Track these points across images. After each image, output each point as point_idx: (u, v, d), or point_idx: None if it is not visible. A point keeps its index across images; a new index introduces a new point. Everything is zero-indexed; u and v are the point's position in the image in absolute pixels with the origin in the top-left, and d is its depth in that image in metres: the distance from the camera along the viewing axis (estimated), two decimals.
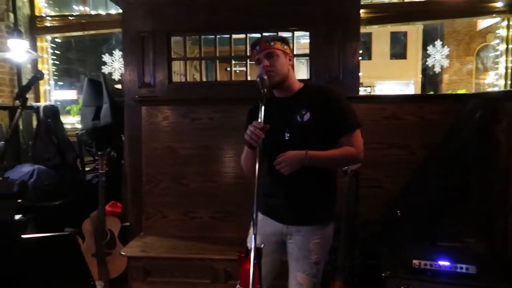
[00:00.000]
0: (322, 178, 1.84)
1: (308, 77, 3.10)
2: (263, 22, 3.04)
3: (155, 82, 3.18)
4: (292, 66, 1.89)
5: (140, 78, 3.18)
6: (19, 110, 1.48)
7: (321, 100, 1.78)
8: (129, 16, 3.17)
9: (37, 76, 1.63)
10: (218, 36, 3.28)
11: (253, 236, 1.37)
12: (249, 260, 1.35)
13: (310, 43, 3.06)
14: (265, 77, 1.70)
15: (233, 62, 3.31)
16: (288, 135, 1.78)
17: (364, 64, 16.70)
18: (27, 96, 1.84)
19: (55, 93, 5.72)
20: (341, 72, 3.00)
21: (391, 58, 19.05)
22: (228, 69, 3.36)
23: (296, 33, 3.30)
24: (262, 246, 1.41)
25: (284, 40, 1.83)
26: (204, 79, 4.77)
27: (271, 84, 1.73)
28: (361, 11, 4.41)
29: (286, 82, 1.82)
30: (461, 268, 2.05)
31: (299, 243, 1.82)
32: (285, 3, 3.03)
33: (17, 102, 1.52)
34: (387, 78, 18.20)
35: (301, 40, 3.99)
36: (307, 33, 3.13)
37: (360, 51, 3.16)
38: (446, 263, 2.08)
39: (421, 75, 17.74)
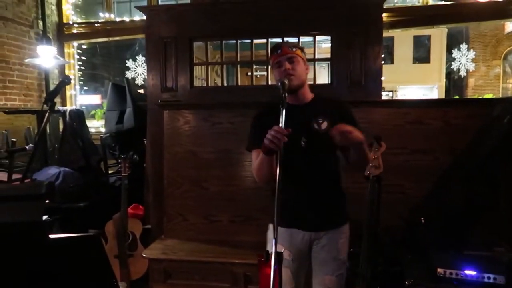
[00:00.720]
0: (337, 180, 1.94)
1: (329, 82, 3.08)
2: (284, 27, 3.05)
3: (177, 87, 3.23)
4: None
5: (162, 82, 3.23)
6: (47, 114, 1.52)
7: (337, 111, 1.85)
8: (152, 22, 3.23)
9: (65, 81, 1.67)
10: (239, 41, 3.30)
11: (273, 240, 1.37)
12: (269, 264, 1.35)
13: (332, 47, 3.05)
14: (286, 81, 1.71)
15: (254, 66, 3.32)
16: (304, 142, 1.78)
17: (386, 68, 16.37)
18: (55, 100, 1.91)
19: (80, 98, 5.88)
20: (363, 76, 2.97)
21: (414, 62, 18.69)
22: (249, 73, 3.38)
23: (318, 38, 3.30)
24: (283, 250, 1.40)
25: (303, 50, 1.89)
26: (225, 83, 4.82)
27: (290, 88, 1.74)
28: (384, 14, 4.37)
29: (302, 90, 1.85)
30: (489, 278, 1.99)
31: (328, 245, 1.85)
32: (306, 7, 3.03)
33: (45, 107, 1.57)
34: (410, 83, 17.86)
35: (323, 44, 3.97)
36: (329, 38, 3.11)
37: (382, 55, 3.12)
38: (473, 273, 2.01)
39: (445, 80, 17.35)
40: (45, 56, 3.92)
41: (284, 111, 1.60)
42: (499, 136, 2.41)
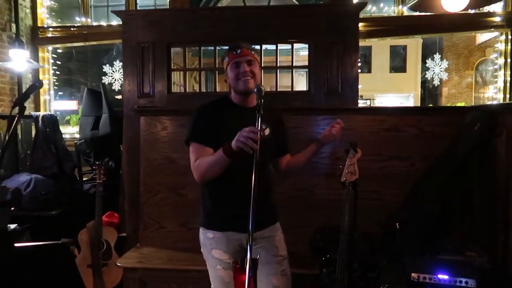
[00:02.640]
0: (270, 182, 2.01)
1: (307, 89, 3.11)
2: (263, 34, 3.07)
3: (154, 93, 3.19)
4: None
5: (139, 88, 3.19)
6: (16, 118, 1.47)
7: (276, 119, 1.97)
8: (129, 27, 3.19)
9: (36, 84, 1.62)
10: (218, 48, 3.30)
11: (248, 246, 1.36)
12: (244, 271, 1.33)
13: (309, 55, 3.08)
14: (263, 87, 1.72)
15: None
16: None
17: (364, 77, 16.77)
18: (26, 105, 1.85)
19: (55, 103, 5.74)
20: (340, 84, 3.01)
21: (391, 71, 19.14)
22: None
23: (296, 45, 3.33)
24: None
25: (258, 53, 1.92)
26: (204, 90, 4.79)
27: (246, 90, 1.79)
28: (361, 24, 4.45)
29: (252, 94, 1.83)
30: (461, 281, 2.02)
31: (265, 245, 1.85)
32: (284, 15, 3.06)
33: (15, 111, 1.52)
34: (387, 91, 18.26)
35: (301, 52, 4.01)
36: (307, 46, 3.15)
37: (359, 64, 3.18)
38: (445, 277, 2.04)
39: (420, 88, 17.80)
40: (18, 60, 3.82)
41: (259, 116, 1.61)
42: (470, 143, 2.48)
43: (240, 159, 1.66)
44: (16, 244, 1.05)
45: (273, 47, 3.14)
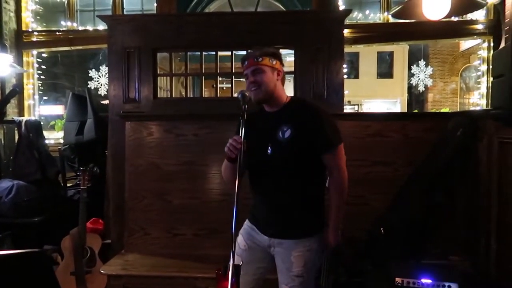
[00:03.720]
0: (302, 193, 1.82)
1: (293, 95, 3.12)
2: (249, 40, 3.07)
3: (140, 98, 3.17)
4: (282, 80, 1.87)
5: (125, 93, 3.17)
6: None
7: (302, 117, 1.79)
8: (115, 32, 3.18)
9: (16, 90, 1.60)
10: (204, 53, 3.30)
11: (231, 253, 1.35)
12: (227, 277, 1.33)
13: (295, 61, 3.10)
14: (247, 93, 1.72)
15: (219, 78, 3.32)
16: (270, 150, 1.78)
17: (351, 83, 16.94)
18: (10, 110, 1.81)
19: (41, 108, 5.66)
20: (326, 89, 3.03)
21: (378, 77, 19.37)
22: (215, 85, 3.38)
23: (284, 51, 3.34)
24: (241, 263, 1.38)
25: (274, 55, 1.83)
26: (191, 95, 4.78)
27: (256, 101, 1.78)
28: (347, 30, 4.51)
29: (273, 97, 1.82)
30: (443, 286, 2.04)
31: (282, 255, 1.83)
32: (271, 21, 3.09)
33: None
34: (374, 97, 18.47)
35: (287, 58, 4.03)
36: (293, 52, 3.16)
37: (345, 70, 3.21)
38: (429, 281, 2.06)
39: (407, 94, 18.04)
40: (0, 64, 3.76)
41: (242, 121, 1.62)
42: (453, 148, 2.51)
43: (260, 161, 1.79)
44: None
45: None
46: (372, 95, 18.29)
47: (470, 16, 4.68)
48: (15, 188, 3.16)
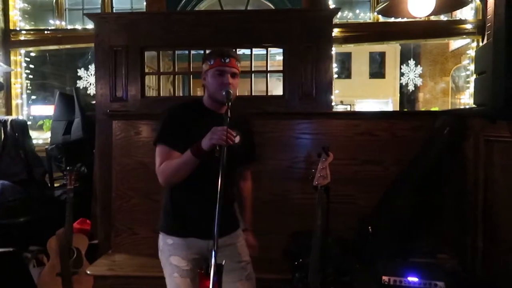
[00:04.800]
0: (233, 190, 1.98)
1: (282, 94, 3.12)
2: (238, 38, 3.06)
3: (127, 97, 3.14)
4: None
5: (112, 92, 3.14)
6: None
7: (247, 127, 1.95)
8: (102, 30, 3.15)
9: None
10: (194, 52, 3.28)
11: (213, 251, 1.33)
12: (209, 277, 1.31)
13: (284, 59, 3.09)
14: (231, 91, 1.71)
15: None
16: (218, 152, 1.74)
17: (344, 83, 16.97)
18: None
19: (32, 108, 5.60)
20: (315, 89, 3.03)
21: (370, 77, 19.45)
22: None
23: (273, 51, 3.34)
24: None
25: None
26: (181, 94, 4.76)
27: (223, 102, 1.75)
28: (337, 30, 4.51)
29: None
30: (430, 284, 2.04)
31: (228, 253, 1.80)
32: (260, 20, 3.07)
33: None
34: (367, 97, 18.54)
35: (277, 57, 4.03)
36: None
37: (336, 69, 3.21)
38: (415, 279, 2.06)
39: (399, 95, 18.13)
40: None
41: (228, 119, 1.60)
42: (440, 147, 2.52)
43: (206, 161, 1.65)
44: None
45: (249, 51, 3.14)
46: (364, 95, 18.35)
47: (459, 16, 4.71)
48: (0, 188, 3.12)
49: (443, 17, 4.62)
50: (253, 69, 3.22)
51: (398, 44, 14.78)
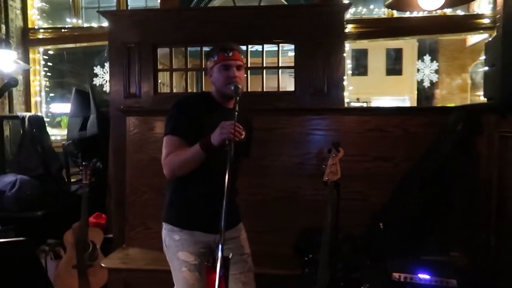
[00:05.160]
0: (237, 180, 1.95)
1: (293, 90, 3.12)
2: (249, 34, 3.07)
3: (140, 93, 3.19)
4: None
5: (125, 89, 3.19)
6: None
7: (249, 126, 1.94)
8: (116, 27, 3.20)
9: (11, 83, 1.62)
10: (206, 49, 3.30)
11: (220, 245, 1.35)
12: (215, 269, 1.33)
13: (295, 55, 3.09)
14: (240, 85, 1.72)
15: None
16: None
17: (360, 80, 16.80)
18: (17, 106, 1.81)
19: (53, 106, 5.73)
20: (326, 84, 3.01)
21: (387, 74, 19.19)
22: None
23: (286, 47, 3.33)
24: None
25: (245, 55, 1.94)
26: (194, 90, 4.80)
27: (232, 96, 1.76)
28: (350, 26, 4.48)
29: None
30: (442, 281, 2.02)
31: (232, 246, 1.83)
32: (270, 16, 3.07)
33: None
34: (383, 94, 18.29)
35: (289, 53, 4.02)
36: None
37: (350, 65, 3.18)
38: (426, 277, 2.04)
39: (416, 91, 17.85)
40: (5, 61, 3.81)
41: (236, 114, 1.61)
42: (453, 142, 2.48)
43: (213, 155, 1.66)
44: None
45: (260, 47, 3.15)
46: (381, 92, 18.12)
47: (476, 10, 4.61)
48: (18, 183, 3.21)
49: (459, 12, 4.54)
50: (265, 66, 3.23)
51: (416, 40, 14.56)
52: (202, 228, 1.79)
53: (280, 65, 3.25)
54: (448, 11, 4.49)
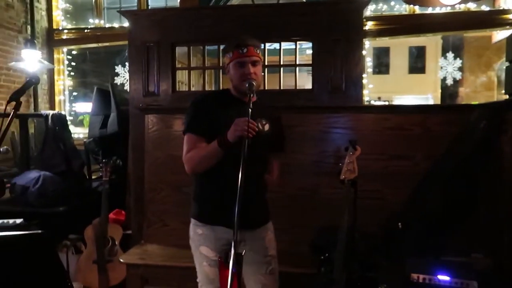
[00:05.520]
0: (264, 180, 1.95)
1: (311, 87, 3.09)
2: (266, 33, 3.06)
3: (159, 91, 3.23)
4: None
5: (144, 87, 3.23)
6: (11, 114, 1.50)
7: (276, 118, 1.95)
8: (135, 27, 3.24)
9: (32, 80, 1.66)
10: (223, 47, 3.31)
11: (232, 242, 1.35)
12: (228, 266, 1.33)
13: (313, 53, 3.06)
14: (254, 82, 1.72)
15: None
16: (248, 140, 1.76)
17: (381, 79, 16.54)
18: (41, 105, 1.85)
19: (77, 106, 5.88)
20: (344, 82, 2.97)
21: (409, 73, 18.82)
22: None
23: (304, 45, 3.30)
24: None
25: (261, 49, 1.91)
26: (212, 88, 4.83)
27: (250, 92, 1.75)
28: (371, 23, 4.42)
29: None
30: (462, 283, 1.97)
31: (255, 246, 1.83)
32: (288, 13, 3.05)
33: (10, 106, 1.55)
34: (406, 93, 17.94)
35: (307, 51, 3.99)
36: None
37: (370, 63, 3.13)
38: (446, 278, 1.99)
39: (440, 90, 17.43)
40: (30, 60, 3.92)
41: (250, 111, 1.61)
42: (475, 141, 2.41)
43: (233, 152, 1.65)
44: None
45: (276, 45, 3.14)
46: (403, 91, 17.76)
47: (502, 6, 4.47)
48: (42, 179, 3.29)
49: (484, 7, 4.40)
50: (282, 64, 3.21)
51: (440, 37, 14.22)
52: (223, 223, 1.78)
53: (297, 63, 3.23)
54: (473, 7, 4.38)
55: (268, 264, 1.87)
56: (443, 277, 2.01)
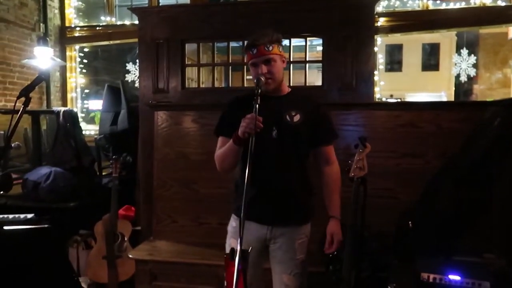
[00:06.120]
0: (302, 178, 1.89)
1: (321, 84, 3.06)
2: (276, 29, 3.02)
3: (168, 88, 3.23)
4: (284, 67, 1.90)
5: (154, 84, 3.24)
6: (21, 110, 1.52)
7: (311, 107, 1.89)
8: (145, 24, 3.25)
9: (42, 77, 1.67)
10: (236, 45, 3.30)
11: (238, 239, 1.34)
12: (234, 262, 1.32)
13: (323, 49, 3.03)
14: (262, 78, 1.71)
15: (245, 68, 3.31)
16: (276, 134, 1.77)
17: (394, 76, 16.37)
18: (54, 102, 1.86)
19: (90, 103, 5.93)
20: (355, 79, 2.93)
21: (423, 70, 18.58)
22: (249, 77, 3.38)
23: (314, 41, 3.27)
24: (250, 249, 1.37)
25: (280, 41, 1.84)
26: (223, 85, 4.82)
27: (267, 91, 1.75)
28: (383, 19, 4.36)
29: (280, 84, 1.85)
30: (473, 283, 1.93)
31: (284, 245, 1.82)
32: (298, 9, 3.02)
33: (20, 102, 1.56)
34: (419, 90, 17.71)
35: (317, 48, 3.96)
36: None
37: (384, 61, 3.08)
38: (457, 278, 1.95)
39: (454, 88, 17.16)
40: (42, 57, 3.96)
41: (257, 106, 1.59)
42: (490, 139, 2.36)
43: (264, 148, 1.69)
44: (5, 227, 1.07)
45: (286, 41, 3.10)
46: (416, 88, 17.54)
47: None
48: (53, 175, 3.33)
49: (500, 2, 4.31)
50: (292, 60, 3.18)
51: (454, 34, 13.99)
52: (254, 219, 1.78)
53: (307, 59, 3.20)
54: (488, 2, 4.28)
55: (294, 267, 1.85)
56: (454, 277, 1.97)
